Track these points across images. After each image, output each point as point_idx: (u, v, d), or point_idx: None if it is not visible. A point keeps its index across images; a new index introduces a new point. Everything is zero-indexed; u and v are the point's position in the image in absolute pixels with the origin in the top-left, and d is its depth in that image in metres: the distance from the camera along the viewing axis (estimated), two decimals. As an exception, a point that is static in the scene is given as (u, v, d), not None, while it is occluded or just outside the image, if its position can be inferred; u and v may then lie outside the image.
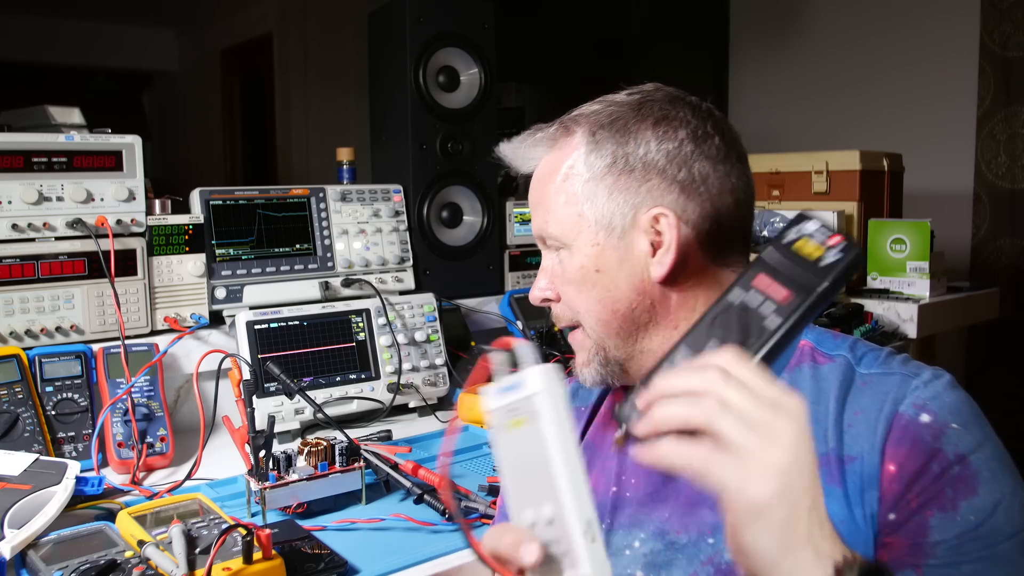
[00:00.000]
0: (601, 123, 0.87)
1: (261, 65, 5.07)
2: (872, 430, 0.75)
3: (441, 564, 1.02)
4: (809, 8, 3.53)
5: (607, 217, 0.85)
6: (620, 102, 0.89)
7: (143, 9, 5.52)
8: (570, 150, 0.88)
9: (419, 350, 1.71)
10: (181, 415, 1.57)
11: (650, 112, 0.86)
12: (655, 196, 0.84)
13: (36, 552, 0.96)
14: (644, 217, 0.84)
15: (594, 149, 0.86)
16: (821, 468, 0.76)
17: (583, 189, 0.86)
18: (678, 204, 0.83)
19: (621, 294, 0.85)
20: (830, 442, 0.77)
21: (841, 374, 0.80)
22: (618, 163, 0.85)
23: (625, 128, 0.86)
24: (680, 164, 0.84)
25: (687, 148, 0.84)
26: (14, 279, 1.41)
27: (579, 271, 0.87)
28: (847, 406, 0.78)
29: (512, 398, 0.58)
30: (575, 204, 0.87)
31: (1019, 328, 2.84)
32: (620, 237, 0.85)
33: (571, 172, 0.87)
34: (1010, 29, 2.87)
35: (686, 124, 0.85)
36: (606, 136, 0.86)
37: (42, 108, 1.59)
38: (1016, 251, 2.91)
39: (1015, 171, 2.90)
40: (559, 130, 0.90)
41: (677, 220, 0.83)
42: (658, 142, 0.84)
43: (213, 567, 0.87)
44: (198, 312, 1.60)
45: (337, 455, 1.17)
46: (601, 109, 0.89)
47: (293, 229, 1.74)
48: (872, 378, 0.79)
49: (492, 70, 1.99)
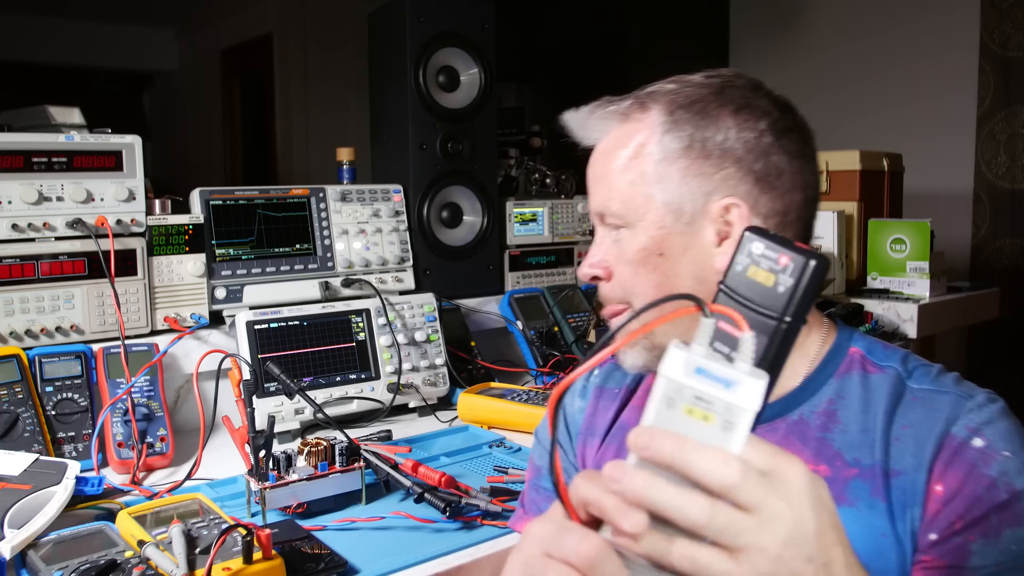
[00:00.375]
0: (680, 103, 0.83)
1: (261, 65, 5.08)
2: (921, 447, 0.74)
3: (441, 564, 1.02)
4: (809, 8, 3.53)
5: (677, 201, 0.82)
6: (699, 84, 0.85)
7: (143, 9, 5.53)
8: (643, 128, 0.84)
9: (419, 350, 1.71)
10: (181, 415, 1.57)
11: (732, 98, 0.83)
12: (729, 185, 0.81)
13: (36, 552, 0.96)
14: (715, 206, 0.81)
15: (671, 129, 0.82)
16: (867, 480, 0.76)
17: (655, 169, 0.83)
18: (751, 196, 0.81)
19: (680, 281, 0.83)
20: (876, 454, 0.76)
21: (891, 386, 0.79)
22: (695, 147, 0.81)
23: (705, 111, 0.82)
24: (758, 155, 0.81)
25: (766, 140, 0.81)
26: (14, 279, 1.41)
27: (640, 253, 0.84)
28: (896, 419, 0.77)
29: (710, 389, 0.48)
30: (644, 184, 0.83)
31: (1019, 328, 2.84)
32: (688, 223, 0.82)
33: (643, 150, 0.84)
34: (1010, 29, 2.87)
35: (767, 115, 0.82)
36: (685, 117, 0.82)
37: (42, 108, 1.59)
38: (1016, 251, 2.91)
39: (1015, 171, 2.90)
40: (633, 105, 0.86)
41: (749, 212, 0.80)
42: (738, 130, 0.81)
43: (213, 567, 0.86)
44: (198, 312, 1.60)
45: (337, 455, 1.17)
46: (679, 89, 0.85)
47: (293, 229, 1.74)
48: (924, 394, 0.78)
49: (492, 70, 1.99)
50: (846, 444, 0.78)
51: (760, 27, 3.73)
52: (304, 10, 4.86)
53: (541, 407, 1.52)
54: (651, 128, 0.83)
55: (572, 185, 2.24)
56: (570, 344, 1.97)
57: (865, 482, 0.76)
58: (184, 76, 6.36)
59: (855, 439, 0.78)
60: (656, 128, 0.83)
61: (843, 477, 0.77)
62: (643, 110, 0.85)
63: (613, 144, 0.86)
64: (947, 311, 2.10)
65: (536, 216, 2.14)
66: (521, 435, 1.52)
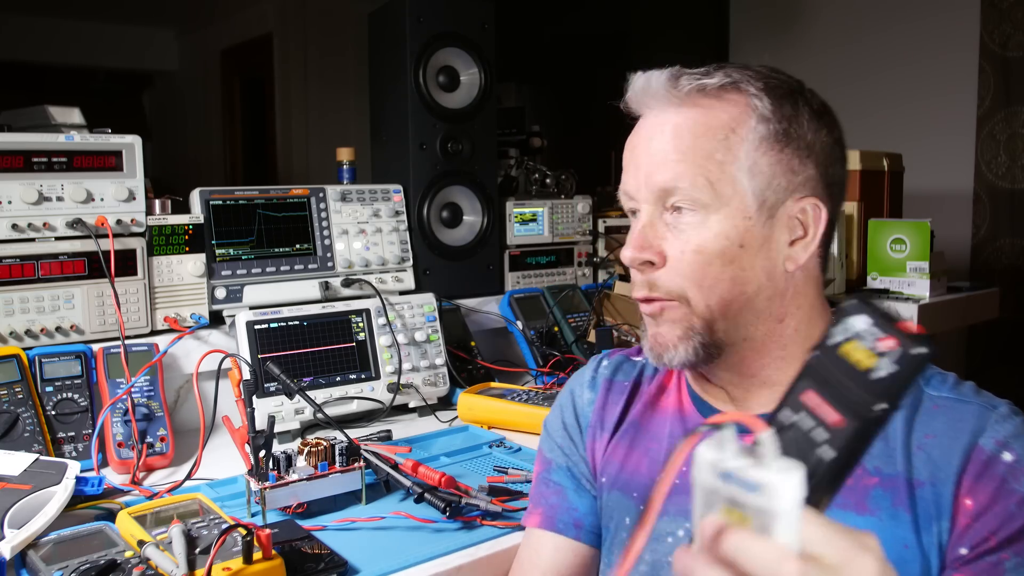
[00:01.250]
0: (776, 91, 0.80)
1: (261, 65, 5.08)
2: (946, 458, 0.73)
3: (441, 564, 1.02)
4: (809, 8, 3.53)
5: (764, 193, 0.78)
6: (783, 78, 0.82)
7: (143, 9, 5.52)
8: (737, 109, 0.79)
9: (419, 350, 1.71)
10: (181, 415, 1.57)
11: (814, 99, 0.82)
12: (810, 186, 0.79)
13: (36, 552, 0.96)
14: (796, 204, 0.79)
15: (769, 117, 0.78)
16: (888, 490, 0.74)
17: (746, 155, 0.78)
18: (823, 200, 0.80)
19: (754, 276, 0.79)
20: (898, 464, 0.75)
21: (910, 395, 0.77)
22: (790, 140, 0.78)
23: (797, 106, 0.80)
24: (831, 161, 0.81)
25: (838, 149, 0.82)
26: (14, 279, 1.41)
27: (720, 240, 0.78)
28: (916, 427, 0.76)
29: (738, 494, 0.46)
30: (733, 168, 0.78)
31: (1019, 328, 2.84)
32: (769, 217, 0.79)
33: (736, 133, 0.78)
34: (1010, 29, 2.87)
35: (837, 125, 0.83)
36: (782, 108, 0.79)
37: (42, 108, 1.59)
38: (1016, 251, 2.91)
39: (1015, 171, 2.89)
40: (726, 82, 0.80)
41: (826, 215, 0.79)
42: (822, 133, 0.80)
43: (213, 567, 0.86)
44: (198, 312, 1.60)
45: (337, 455, 1.17)
46: (769, 75, 0.81)
47: (293, 229, 1.74)
48: (946, 403, 0.76)
49: (492, 70, 1.99)
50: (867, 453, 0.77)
51: (760, 27, 3.73)
52: (304, 10, 4.85)
53: (541, 407, 1.52)
54: (747, 111, 0.79)
55: (572, 185, 2.24)
56: (570, 344, 1.97)
57: (887, 491, 0.75)
58: (184, 76, 6.36)
59: (875, 448, 0.76)
60: (753, 112, 0.79)
61: (863, 485, 0.76)
62: (736, 90, 0.80)
63: (697, 120, 0.80)
64: (947, 311, 2.10)
65: (536, 216, 2.14)
66: (521, 435, 1.52)
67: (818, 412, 0.48)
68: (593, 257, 2.24)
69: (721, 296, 0.80)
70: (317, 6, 4.82)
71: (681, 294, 0.81)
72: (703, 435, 0.48)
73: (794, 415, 0.50)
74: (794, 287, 0.81)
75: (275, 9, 4.95)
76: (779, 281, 0.80)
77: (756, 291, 0.80)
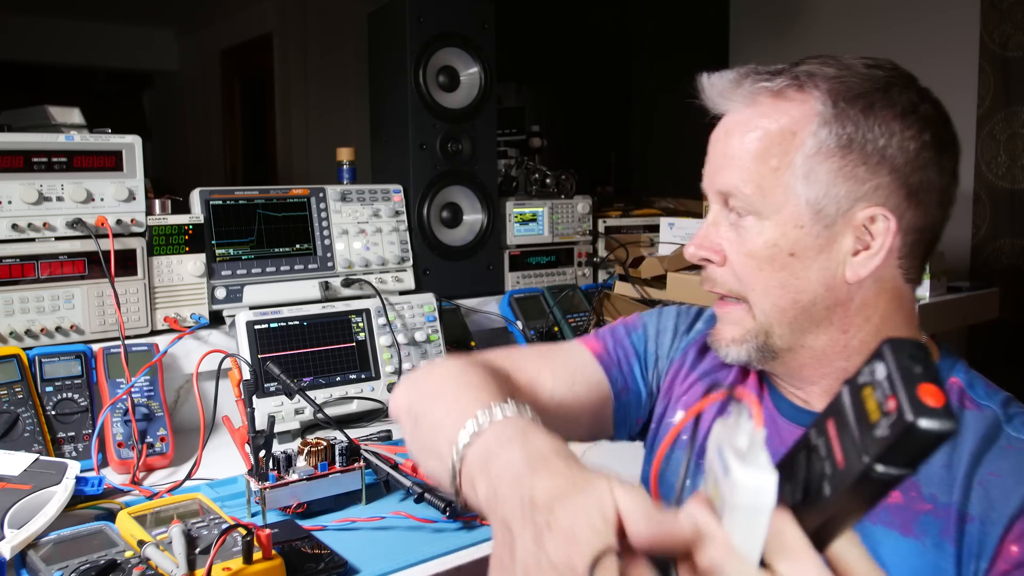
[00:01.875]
0: (844, 94, 0.75)
1: (261, 65, 5.08)
2: (1005, 499, 0.70)
3: (441, 564, 1.02)
4: (809, 8, 3.53)
5: (821, 201, 0.75)
6: (863, 75, 0.77)
7: (143, 9, 5.53)
8: (798, 112, 0.76)
9: (419, 350, 1.71)
10: (181, 415, 1.57)
11: (899, 98, 0.75)
12: (880, 195, 0.75)
13: (36, 552, 0.96)
14: (861, 213, 0.75)
15: (831, 122, 0.75)
16: (940, 519, 0.72)
17: (803, 162, 0.75)
18: (899, 209, 0.75)
19: (808, 285, 0.77)
20: (955, 495, 0.73)
21: (985, 427, 0.75)
22: (853, 147, 0.74)
23: (871, 108, 0.75)
24: (916, 167, 0.74)
25: (928, 153, 0.75)
26: (14, 279, 1.41)
27: (768, 248, 0.78)
28: (983, 463, 0.73)
29: (720, 474, 0.48)
30: (787, 174, 0.76)
31: (1019, 328, 2.84)
32: (827, 226, 0.76)
33: (794, 138, 0.76)
34: (1010, 29, 2.87)
35: (932, 125, 0.76)
36: (848, 112, 0.75)
37: (42, 108, 1.59)
38: (1016, 251, 2.91)
39: (1015, 171, 2.89)
40: (790, 83, 0.77)
41: (896, 226, 0.75)
42: (901, 137, 0.74)
43: (213, 567, 0.86)
44: (198, 312, 1.60)
45: (337, 455, 1.17)
46: (843, 75, 0.76)
47: (293, 229, 1.74)
48: (1020, 445, 0.73)
49: (492, 70, 1.99)
50: (925, 476, 0.75)
51: (760, 27, 3.73)
52: (304, 10, 4.85)
53: (541, 407, 1.52)
54: (808, 115, 0.76)
55: (572, 185, 2.24)
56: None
57: (937, 519, 0.73)
58: (184, 76, 6.36)
59: (936, 473, 0.74)
60: (814, 116, 0.75)
61: (915, 509, 0.74)
62: (800, 91, 0.77)
63: (758, 122, 0.78)
64: (947, 311, 2.10)
65: (536, 216, 2.14)
66: (521, 435, 1.52)
67: (832, 445, 0.46)
68: (593, 257, 2.24)
69: (774, 302, 0.79)
70: (317, 6, 4.82)
71: (741, 294, 0.82)
72: (720, 399, 0.50)
73: (818, 438, 0.48)
74: (862, 299, 0.78)
75: (275, 9, 4.95)
76: (839, 292, 0.77)
77: (812, 300, 0.78)
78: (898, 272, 0.78)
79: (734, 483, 0.45)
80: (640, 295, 2.04)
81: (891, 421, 0.42)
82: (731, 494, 0.46)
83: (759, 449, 0.46)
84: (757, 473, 0.45)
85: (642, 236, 2.30)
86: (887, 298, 0.79)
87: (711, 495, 0.49)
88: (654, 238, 2.26)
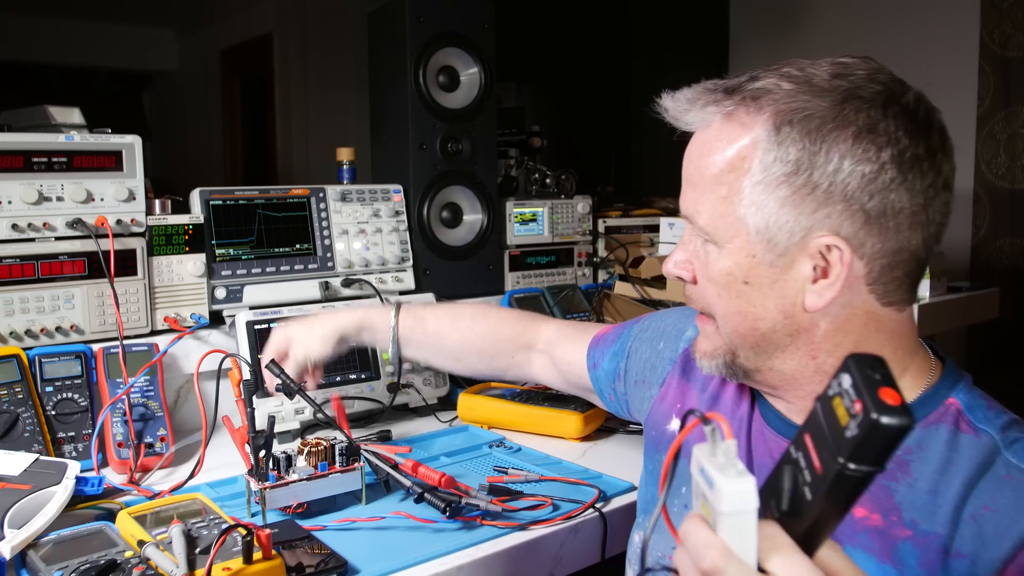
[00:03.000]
0: (791, 116, 0.71)
1: (261, 65, 5.08)
2: (998, 539, 0.66)
3: (441, 564, 1.02)
4: (809, 8, 3.53)
5: (771, 231, 0.72)
6: (820, 89, 0.72)
7: (143, 9, 5.53)
8: (745, 135, 0.73)
9: (419, 350, 1.71)
10: (181, 415, 1.57)
11: (854, 117, 0.70)
12: (833, 223, 0.71)
13: (36, 552, 0.96)
14: (815, 242, 0.71)
15: (775, 148, 0.71)
16: (919, 547, 0.69)
17: (750, 191, 0.73)
18: (857, 237, 0.71)
19: (766, 312, 0.76)
20: (939, 525, 0.69)
21: (981, 455, 0.70)
22: (800, 174, 0.70)
23: (819, 132, 0.70)
24: (873, 192, 0.70)
25: (887, 175, 0.70)
26: (14, 279, 1.41)
27: (724, 275, 0.77)
28: (976, 493, 0.68)
29: (704, 488, 0.53)
30: (736, 203, 0.74)
31: (1019, 328, 2.84)
32: (780, 255, 0.73)
33: (741, 165, 0.73)
34: (1010, 29, 2.87)
35: (894, 143, 0.70)
36: (794, 136, 0.71)
37: (42, 108, 1.59)
38: (1016, 251, 2.91)
39: (1015, 171, 2.89)
40: (740, 104, 0.74)
41: (851, 255, 0.71)
42: (854, 161, 0.69)
43: (213, 567, 0.86)
44: (198, 312, 1.60)
45: (337, 455, 1.17)
46: (795, 93, 0.72)
47: (293, 229, 1.73)
48: (1021, 476, 0.68)
49: (492, 70, 1.99)
50: (909, 501, 0.72)
51: (760, 27, 3.73)
52: (304, 10, 4.85)
53: (541, 407, 1.52)
54: (755, 140, 0.72)
55: (572, 185, 2.24)
56: (570, 344, 1.96)
57: (916, 548, 0.70)
58: (184, 76, 6.36)
59: (920, 499, 0.71)
60: (760, 142, 0.72)
61: (894, 535, 0.72)
62: (748, 113, 0.73)
63: (710, 146, 0.76)
64: (947, 311, 2.10)
65: (536, 216, 2.14)
66: (521, 435, 1.52)
67: (810, 455, 0.51)
68: (593, 257, 2.24)
69: (734, 327, 0.79)
70: (317, 6, 4.82)
71: (711, 313, 0.82)
72: (693, 426, 0.54)
73: (797, 452, 0.53)
74: (830, 325, 0.75)
75: (275, 9, 4.96)
76: (800, 319, 0.75)
77: (771, 327, 0.76)
78: (870, 297, 0.74)
79: (719, 493, 0.51)
80: (640, 295, 2.04)
81: (858, 421, 0.47)
82: (718, 504, 0.51)
83: (734, 459, 0.52)
84: (736, 479, 0.51)
85: (642, 236, 2.30)
86: (859, 324, 0.75)
87: (703, 512, 0.54)
88: (654, 238, 2.26)
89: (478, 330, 1.30)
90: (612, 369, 1.16)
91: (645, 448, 1.07)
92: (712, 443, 0.53)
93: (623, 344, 1.16)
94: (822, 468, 0.50)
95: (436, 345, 1.32)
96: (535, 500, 1.17)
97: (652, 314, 1.18)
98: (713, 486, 0.51)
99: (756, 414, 0.88)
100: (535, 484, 1.24)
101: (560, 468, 1.34)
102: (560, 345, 1.26)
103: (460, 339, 1.31)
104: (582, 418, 1.48)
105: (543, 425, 1.51)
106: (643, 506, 1.06)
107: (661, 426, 1.01)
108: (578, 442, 1.49)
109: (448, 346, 1.31)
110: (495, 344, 1.30)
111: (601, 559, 1.17)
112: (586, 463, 1.36)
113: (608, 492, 1.21)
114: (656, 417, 1.03)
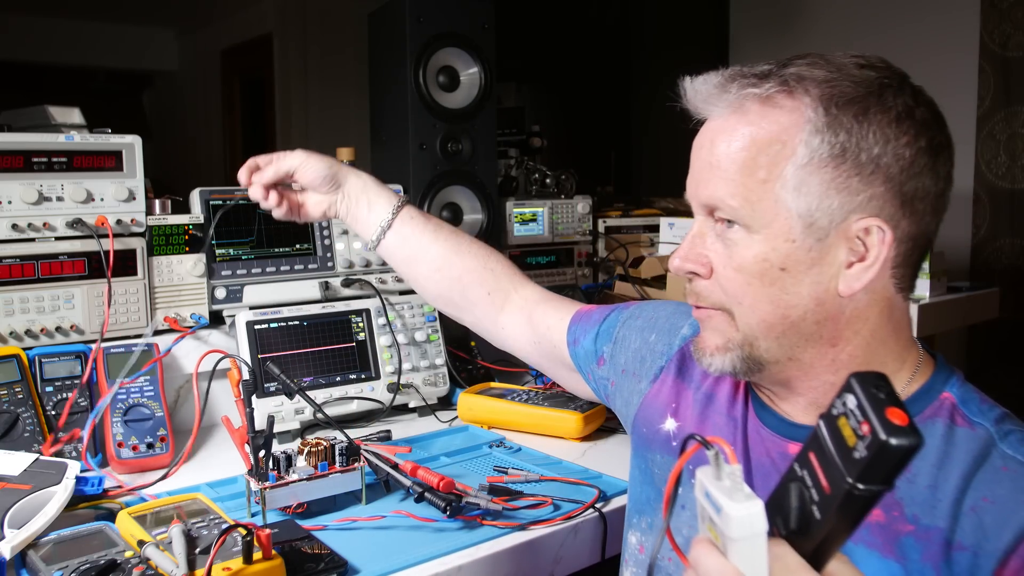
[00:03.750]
0: (837, 99, 0.71)
1: (261, 65, 5.08)
2: (999, 530, 0.66)
3: (441, 564, 1.02)
4: (809, 8, 3.53)
5: (813, 214, 0.72)
6: (856, 77, 0.72)
7: (143, 9, 5.53)
8: (788, 120, 0.72)
9: (419, 350, 1.71)
10: (181, 415, 1.57)
11: (894, 102, 0.71)
12: (875, 205, 0.71)
13: (36, 552, 0.96)
14: (856, 225, 0.72)
15: (823, 129, 0.71)
16: (921, 541, 0.69)
17: (794, 173, 0.72)
18: (893, 219, 0.72)
19: (799, 300, 0.74)
20: (940, 519, 0.69)
21: (977, 447, 0.71)
22: (848, 155, 0.70)
23: (865, 114, 0.71)
24: (911, 175, 0.71)
25: (923, 159, 0.72)
26: (14, 279, 1.41)
27: (758, 263, 0.74)
28: (974, 486, 0.69)
29: (711, 513, 0.53)
30: (777, 186, 0.72)
31: (1019, 328, 2.84)
32: (819, 239, 0.72)
33: (784, 148, 0.72)
34: (1010, 29, 2.87)
35: (927, 128, 0.72)
36: (841, 119, 0.71)
37: (42, 108, 1.59)
38: (1016, 251, 2.91)
39: (1015, 171, 2.89)
40: (779, 89, 0.73)
41: (892, 237, 0.72)
42: (897, 144, 0.71)
43: (213, 567, 0.86)
44: (198, 312, 1.60)
45: (337, 455, 1.17)
46: (834, 78, 0.72)
47: (293, 229, 1.73)
48: (1017, 467, 0.69)
49: (492, 70, 1.99)
50: (909, 496, 0.72)
51: (760, 27, 3.73)
52: (304, 10, 4.86)
53: (541, 407, 1.52)
54: (798, 123, 0.72)
55: (572, 185, 2.24)
56: (570, 344, 1.96)
57: (919, 542, 0.70)
58: (184, 76, 6.36)
59: (920, 493, 0.72)
60: (805, 124, 0.71)
61: (896, 529, 0.72)
62: (790, 97, 0.72)
63: (745, 130, 0.74)
64: (947, 311, 2.10)
65: (536, 216, 2.14)
66: (521, 435, 1.52)
67: (817, 474, 0.51)
68: (593, 257, 2.24)
69: (762, 317, 0.76)
70: (317, 6, 4.82)
71: (726, 308, 0.79)
72: (694, 451, 0.55)
73: (802, 470, 0.53)
74: (853, 311, 0.75)
75: (275, 9, 4.96)
76: (831, 305, 0.74)
77: (802, 315, 0.75)
78: (891, 282, 0.76)
79: (728, 518, 0.51)
80: (640, 295, 2.04)
81: (867, 443, 0.47)
82: (728, 530, 0.51)
83: (740, 483, 0.52)
84: (745, 503, 0.51)
85: (642, 236, 2.30)
86: (878, 309, 0.76)
87: (711, 536, 0.54)
88: (654, 238, 2.26)
89: (473, 250, 1.26)
90: (593, 351, 1.11)
91: (633, 445, 1.04)
92: (716, 467, 0.53)
93: (609, 328, 1.10)
94: (830, 488, 0.49)
95: (427, 243, 1.24)
96: (535, 500, 1.17)
97: (643, 302, 1.13)
98: (721, 511, 0.51)
99: (751, 414, 0.88)
100: (535, 484, 1.24)
101: (560, 468, 1.34)
102: (541, 307, 1.20)
103: (452, 247, 1.24)
104: (582, 418, 1.48)
105: (543, 425, 1.51)
106: (634, 505, 1.04)
107: (654, 424, 1.00)
108: (578, 442, 1.49)
109: (439, 248, 1.24)
110: (480, 272, 1.23)
111: (601, 559, 1.17)
112: (586, 463, 1.36)
113: (608, 492, 1.21)
114: (647, 413, 1.01)
